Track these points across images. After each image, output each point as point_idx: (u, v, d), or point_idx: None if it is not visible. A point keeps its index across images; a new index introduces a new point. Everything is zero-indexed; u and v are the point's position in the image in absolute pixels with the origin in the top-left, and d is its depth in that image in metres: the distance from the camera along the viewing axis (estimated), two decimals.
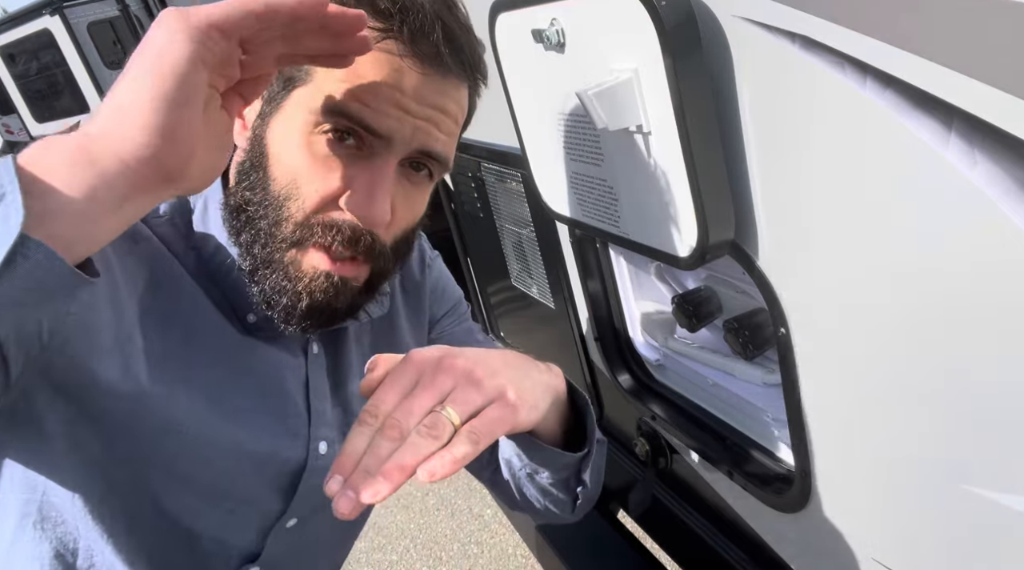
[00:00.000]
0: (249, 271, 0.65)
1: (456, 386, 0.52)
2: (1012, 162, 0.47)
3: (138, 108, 0.44)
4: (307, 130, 0.60)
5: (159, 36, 0.45)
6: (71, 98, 7.41)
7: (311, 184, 0.61)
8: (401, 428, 0.49)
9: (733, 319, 0.90)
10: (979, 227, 0.51)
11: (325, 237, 0.61)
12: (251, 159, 0.64)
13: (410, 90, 0.60)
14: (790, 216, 0.68)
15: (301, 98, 0.61)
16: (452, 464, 0.47)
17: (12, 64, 7.67)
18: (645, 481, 1.22)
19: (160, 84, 0.44)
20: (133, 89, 0.44)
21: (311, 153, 0.61)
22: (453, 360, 0.54)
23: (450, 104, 0.63)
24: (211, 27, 0.45)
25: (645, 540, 1.36)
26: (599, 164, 0.85)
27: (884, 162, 0.56)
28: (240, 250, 0.65)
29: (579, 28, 0.77)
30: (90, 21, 6.93)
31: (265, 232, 0.63)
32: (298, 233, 0.62)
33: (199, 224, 0.68)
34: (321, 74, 0.60)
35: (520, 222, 1.33)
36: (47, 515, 0.65)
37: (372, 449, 0.48)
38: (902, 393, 0.65)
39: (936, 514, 0.68)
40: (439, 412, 0.50)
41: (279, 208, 0.62)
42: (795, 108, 0.62)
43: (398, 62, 0.59)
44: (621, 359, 1.19)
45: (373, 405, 0.51)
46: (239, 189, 0.65)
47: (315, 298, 0.63)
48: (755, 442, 0.95)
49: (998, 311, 0.53)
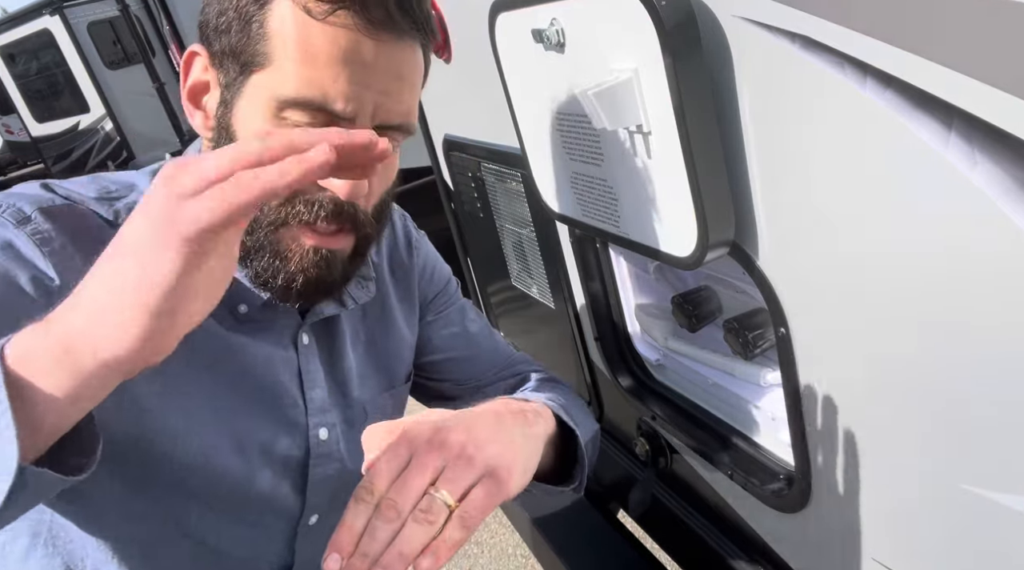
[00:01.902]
0: (240, 258, 0.64)
1: (448, 464, 0.54)
2: (1012, 162, 0.47)
3: (120, 316, 0.41)
4: (270, 115, 0.60)
5: (144, 240, 0.41)
6: (71, 98, 7.41)
7: None
8: (398, 509, 0.51)
9: (733, 319, 0.90)
10: (979, 227, 0.51)
11: (309, 213, 0.62)
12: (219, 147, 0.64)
13: (368, 62, 0.59)
14: (790, 216, 0.68)
15: (262, 82, 0.60)
16: (447, 551, 0.51)
17: (12, 64, 7.67)
18: (645, 481, 1.22)
19: (144, 298, 0.41)
20: (116, 292, 0.41)
21: None
22: (446, 436, 0.55)
23: (406, 69, 0.63)
24: (202, 233, 0.40)
25: (645, 540, 1.36)
26: (599, 164, 0.85)
27: (884, 162, 0.56)
28: None
29: (579, 28, 0.77)
30: (90, 21, 6.94)
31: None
32: (281, 213, 0.62)
33: None
34: (278, 57, 0.59)
35: (520, 222, 1.33)
36: (57, 534, 0.66)
37: (370, 531, 0.51)
38: (902, 393, 0.65)
39: (936, 514, 0.68)
40: (434, 495, 0.53)
41: None
42: (795, 108, 0.62)
43: (354, 34, 0.58)
44: (621, 359, 1.19)
45: (369, 482, 0.53)
46: None
47: (309, 275, 0.64)
48: (755, 442, 0.95)
49: (998, 311, 0.53)
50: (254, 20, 0.60)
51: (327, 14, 0.57)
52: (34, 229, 0.58)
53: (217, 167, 0.40)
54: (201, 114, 0.67)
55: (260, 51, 0.60)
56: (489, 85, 1.03)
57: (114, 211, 0.65)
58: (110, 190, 0.67)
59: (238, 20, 0.61)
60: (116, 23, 6.63)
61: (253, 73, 0.61)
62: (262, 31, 0.59)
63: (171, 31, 4.91)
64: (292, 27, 0.58)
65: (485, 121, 1.28)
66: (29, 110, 7.92)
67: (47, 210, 0.60)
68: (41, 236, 0.58)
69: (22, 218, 0.59)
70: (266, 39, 0.59)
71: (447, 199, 1.69)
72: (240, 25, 0.60)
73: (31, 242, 0.58)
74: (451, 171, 1.57)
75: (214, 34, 0.63)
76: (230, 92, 0.63)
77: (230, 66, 0.62)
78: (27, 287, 0.57)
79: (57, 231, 0.59)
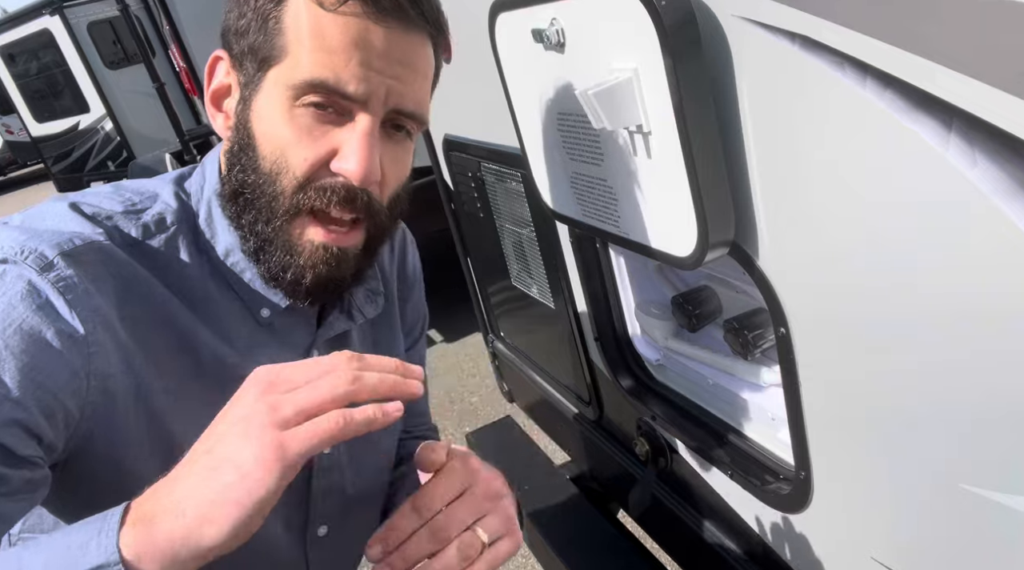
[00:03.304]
0: (254, 251, 0.67)
1: (490, 511, 0.63)
2: (1012, 162, 0.47)
3: (222, 524, 0.45)
4: (288, 105, 0.62)
5: (246, 458, 0.46)
6: (71, 98, 7.41)
7: (299, 154, 0.62)
8: (447, 531, 0.60)
9: (733, 319, 0.90)
10: (979, 227, 0.51)
11: (320, 199, 0.63)
12: (239, 143, 0.65)
13: (378, 47, 0.61)
14: (790, 216, 0.68)
15: (278, 76, 0.62)
16: None
17: (12, 64, 7.67)
18: (645, 481, 1.22)
19: (244, 506, 0.46)
20: (218, 503, 0.46)
21: (295, 126, 0.62)
22: (499, 489, 0.65)
23: (416, 59, 0.65)
24: (300, 457, 0.47)
25: (645, 540, 1.36)
26: (599, 164, 0.85)
27: (884, 162, 0.56)
28: (242, 233, 0.67)
29: (579, 28, 0.77)
30: (90, 21, 6.94)
31: (264, 209, 0.64)
32: (294, 201, 0.63)
33: (205, 227, 0.69)
34: (293, 49, 0.61)
35: (520, 222, 1.33)
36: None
37: (416, 540, 0.59)
38: (902, 393, 0.65)
39: (936, 514, 0.68)
40: (476, 532, 0.61)
41: (273, 183, 0.63)
42: (795, 108, 0.62)
43: (363, 22, 0.60)
44: (621, 359, 1.19)
45: (428, 498, 0.61)
46: (232, 175, 0.66)
47: (319, 271, 0.65)
48: (755, 442, 0.95)
49: (998, 311, 0.53)
50: (271, 17, 0.62)
51: (338, 4, 0.59)
52: (57, 276, 0.59)
53: (316, 404, 0.48)
54: (222, 116, 0.69)
55: (276, 46, 0.62)
56: (489, 85, 1.03)
57: (141, 226, 0.66)
58: (135, 202, 0.68)
59: (256, 19, 0.63)
60: (116, 23, 6.63)
61: (271, 68, 0.62)
62: (278, 27, 0.61)
63: (171, 31, 4.90)
64: (306, 19, 0.60)
65: (485, 121, 1.28)
66: (29, 110, 7.92)
67: (69, 254, 0.60)
68: (64, 283, 0.59)
69: (45, 265, 0.59)
70: (282, 34, 0.61)
71: (447, 199, 1.69)
72: (258, 24, 0.62)
73: (55, 290, 0.58)
74: (451, 171, 1.57)
75: (235, 37, 0.65)
76: (248, 90, 0.65)
77: (249, 65, 0.64)
78: (53, 341, 0.57)
79: (80, 276, 0.60)
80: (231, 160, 0.66)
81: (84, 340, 0.59)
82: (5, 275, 0.58)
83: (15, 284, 0.57)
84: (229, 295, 0.69)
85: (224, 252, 0.69)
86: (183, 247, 0.68)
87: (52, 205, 0.65)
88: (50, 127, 7.83)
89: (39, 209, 0.65)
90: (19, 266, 0.58)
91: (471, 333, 3.45)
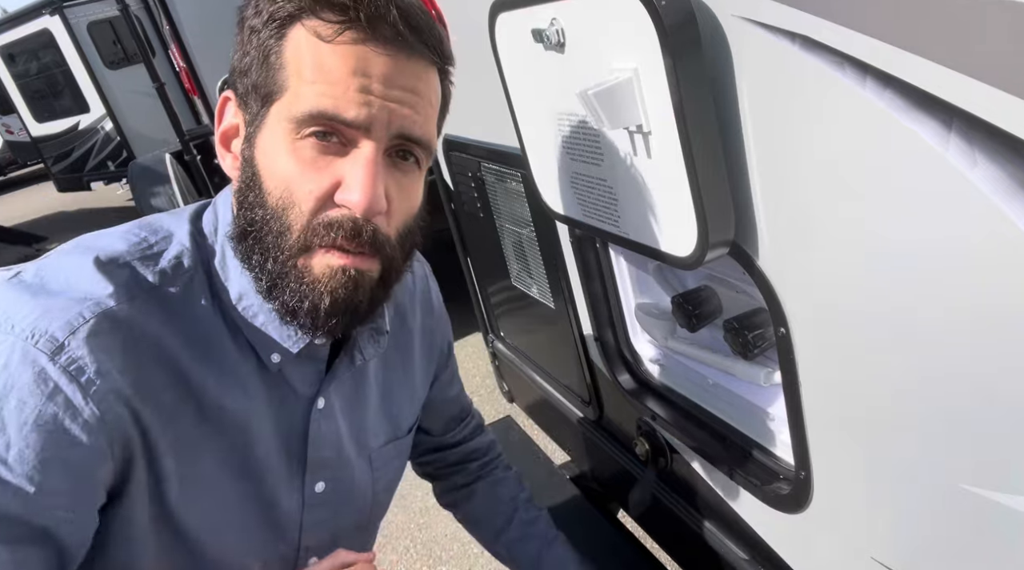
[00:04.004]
0: (267, 290, 0.66)
1: None
2: (1012, 162, 0.47)
3: None
4: (290, 138, 0.61)
5: None
6: (71, 98, 7.40)
7: (304, 187, 0.62)
8: None
9: (733, 319, 0.90)
10: (979, 227, 0.51)
11: (327, 236, 0.62)
12: (245, 181, 0.65)
13: (378, 74, 0.60)
14: (790, 216, 0.68)
15: (280, 111, 0.62)
16: None
17: (12, 64, 7.67)
18: (645, 481, 1.22)
19: None
20: None
21: (298, 158, 0.62)
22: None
23: (420, 85, 0.64)
24: None
25: (645, 540, 1.36)
26: (599, 164, 0.85)
27: (884, 162, 0.56)
28: (255, 274, 0.66)
29: (579, 28, 0.77)
30: (90, 21, 6.93)
31: (272, 246, 0.64)
32: (303, 239, 0.63)
33: (220, 270, 0.70)
34: (293, 83, 0.61)
35: (520, 222, 1.33)
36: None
37: None
38: (902, 393, 0.65)
39: (936, 514, 0.68)
40: None
41: (280, 219, 0.63)
42: (795, 108, 0.62)
43: (362, 50, 0.60)
44: (621, 359, 1.19)
45: None
46: (240, 214, 0.66)
47: (336, 295, 0.64)
48: (755, 442, 0.95)
49: (998, 311, 0.53)
50: (271, 53, 0.62)
51: (336, 35, 0.59)
52: (68, 359, 0.59)
53: None
54: (231, 156, 0.69)
55: (277, 81, 0.62)
56: (489, 85, 1.03)
57: (158, 272, 0.66)
58: (151, 243, 0.68)
59: (258, 57, 0.62)
60: (116, 23, 6.62)
61: (273, 103, 0.62)
62: (279, 62, 0.61)
63: (171, 31, 4.89)
64: (305, 52, 0.60)
65: (485, 121, 1.28)
66: (29, 110, 7.91)
67: (80, 331, 0.60)
68: (76, 365, 0.59)
69: (56, 348, 0.59)
70: (283, 68, 0.61)
71: (447, 199, 1.69)
72: (260, 61, 0.62)
73: (65, 376, 0.59)
74: (451, 171, 1.57)
75: (240, 77, 0.65)
76: (253, 127, 0.65)
77: (253, 103, 0.64)
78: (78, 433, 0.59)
79: (91, 356, 0.60)
80: (239, 199, 0.66)
81: (99, 422, 0.60)
82: (13, 354, 0.58)
83: (23, 371, 0.58)
84: (239, 340, 0.70)
85: (236, 296, 0.69)
86: (198, 292, 0.68)
87: (70, 258, 0.65)
88: (50, 127, 7.83)
89: (57, 261, 0.65)
90: (28, 348, 0.58)
91: (471, 333, 3.46)
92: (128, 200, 8.31)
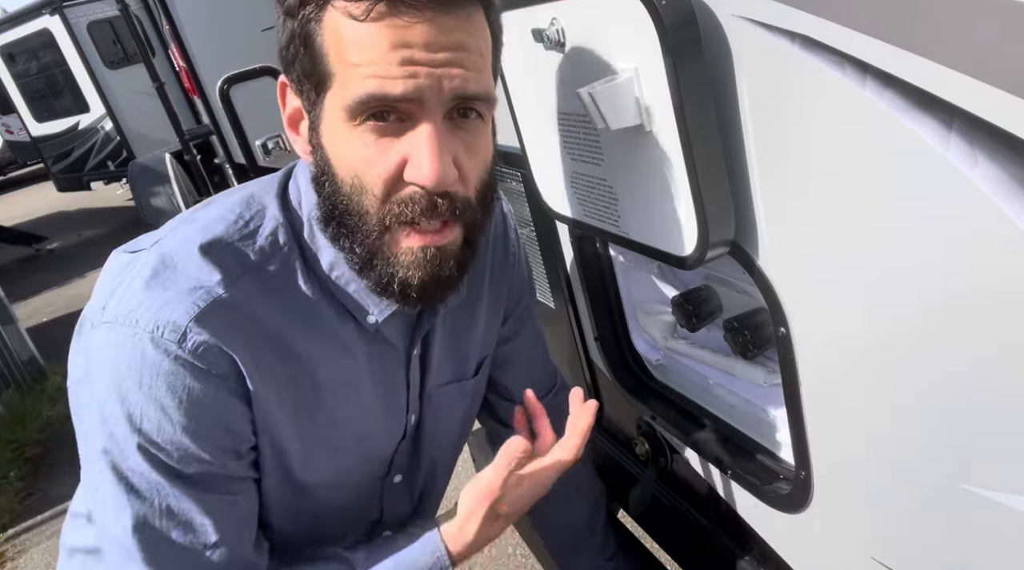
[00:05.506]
0: (359, 269, 0.70)
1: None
2: (1012, 162, 0.47)
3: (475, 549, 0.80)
4: (348, 127, 0.63)
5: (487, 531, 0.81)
6: (71, 98, 7.41)
7: (372, 172, 0.63)
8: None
9: (733, 319, 0.90)
10: (979, 227, 0.51)
11: (405, 212, 0.64)
12: (319, 169, 0.68)
13: (418, 42, 0.59)
14: (790, 216, 0.68)
15: (333, 101, 0.63)
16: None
17: (12, 64, 7.67)
18: (645, 481, 1.22)
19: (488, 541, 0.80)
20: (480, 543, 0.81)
21: (361, 144, 0.63)
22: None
23: (465, 38, 0.62)
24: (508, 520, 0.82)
25: (645, 540, 1.36)
26: (599, 164, 0.85)
27: (884, 162, 0.56)
28: (345, 255, 0.70)
29: (579, 27, 0.77)
30: (90, 21, 6.95)
31: (356, 230, 0.67)
32: (382, 221, 0.65)
33: (310, 242, 0.73)
34: (338, 70, 0.62)
35: (520, 222, 1.33)
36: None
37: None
38: (902, 393, 0.65)
39: (936, 514, 0.68)
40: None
41: (356, 204, 0.65)
42: (795, 108, 0.62)
43: (396, 21, 0.59)
44: (621, 359, 1.19)
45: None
46: (321, 201, 0.69)
47: (423, 274, 0.67)
48: (755, 442, 0.95)
49: (998, 311, 0.53)
50: (313, 39, 0.62)
51: (367, 13, 0.58)
52: (194, 345, 0.65)
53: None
54: (301, 140, 0.70)
55: (324, 71, 0.63)
56: None
57: (258, 250, 0.71)
58: (246, 220, 0.72)
59: (300, 45, 0.63)
60: (116, 23, 6.63)
61: (326, 93, 0.63)
62: (321, 49, 0.62)
63: (171, 31, 4.89)
64: (342, 35, 0.60)
65: None
66: (29, 110, 7.92)
67: (198, 317, 0.65)
68: (201, 350, 0.65)
69: (180, 336, 0.64)
70: (325, 57, 0.62)
71: None
72: (303, 50, 0.63)
73: (194, 358, 0.65)
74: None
75: (288, 64, 0.66)
76: (314, 115, 0.66)
77: (309, 90, 0.65)
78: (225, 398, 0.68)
79: (212, 340, 0.66)
80: (318, 187, 0.69)
81: (232, 392, 0.68)
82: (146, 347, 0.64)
83: (161, 360, 0.64)
84: (336, 306, 0.73)
85: (328, 266, 0.72)
86: (294, 265, 0.72)
87: (183, 247, 0.69)
88: (50, 127, 7.84)
89: (171, 251, 0.69)
90: (157, 339, 0.64)
91: None
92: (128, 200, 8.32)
